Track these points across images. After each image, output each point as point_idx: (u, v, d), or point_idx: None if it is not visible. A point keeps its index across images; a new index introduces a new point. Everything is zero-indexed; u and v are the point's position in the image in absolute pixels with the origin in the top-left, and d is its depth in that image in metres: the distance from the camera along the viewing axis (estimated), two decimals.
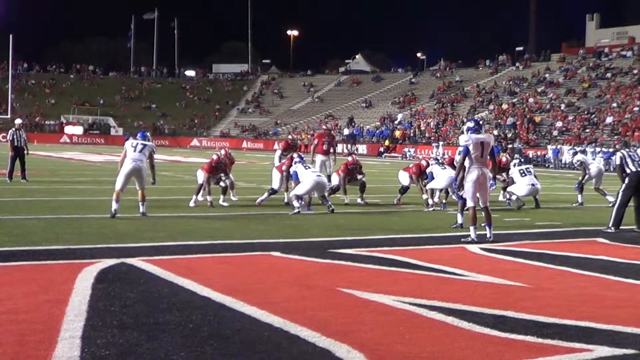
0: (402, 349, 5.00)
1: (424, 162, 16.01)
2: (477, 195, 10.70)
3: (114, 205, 12.09)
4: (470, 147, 10.58)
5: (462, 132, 11.79)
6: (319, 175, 14.24)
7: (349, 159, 16.41)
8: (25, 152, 20.46)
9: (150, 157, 12.81)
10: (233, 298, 6.30)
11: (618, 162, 12.62)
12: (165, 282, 6.98)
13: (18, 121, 21.62)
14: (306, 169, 14.24)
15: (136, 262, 7.94)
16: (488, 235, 10.59)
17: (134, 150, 12.67)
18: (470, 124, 11.07)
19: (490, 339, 5.28)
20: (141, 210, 12.43)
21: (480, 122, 11.55)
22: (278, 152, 17.43)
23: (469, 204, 10.73)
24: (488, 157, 10.91)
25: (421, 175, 15.74)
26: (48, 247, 8.90)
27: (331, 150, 17.90)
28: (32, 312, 5.69)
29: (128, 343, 4.94)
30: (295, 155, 15.00)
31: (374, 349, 4.95)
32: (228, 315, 5.79)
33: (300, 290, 6.85)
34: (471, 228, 10.57)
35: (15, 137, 20.33)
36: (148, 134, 13.54)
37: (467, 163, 10.67)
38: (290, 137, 19.21)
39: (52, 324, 5.32)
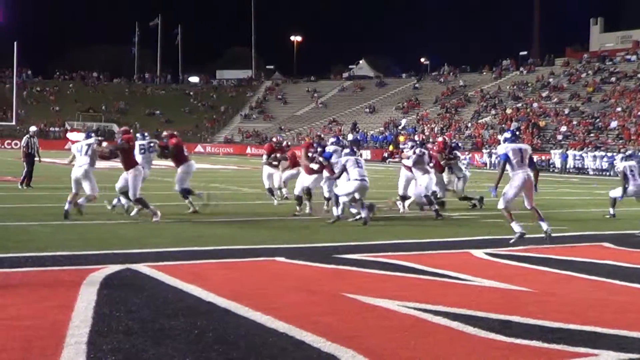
0: (407, 354, 5.00)
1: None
2: (522, 196, 11.05)
3: (66, 206, 12.34)
4: (510, 154, 10.92)
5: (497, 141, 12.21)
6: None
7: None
8: (38, 159, 20.49)
9: (93, 153, 12.90)
10: (238, 303, 6.30)
11: None
12: (170, 288, 6.99)
13: (33, 129, 21.80)
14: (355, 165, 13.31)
15: (141, 267, 7.96)
16: (545, 229, 10.89)
17: (80, 154, 12.91)
18: (508, 135, 11.55)
19: (496, 344, 5.28)
20: (66, 207, 12.51)
21: (517, 133, 12.01)
22: (265, 157, 17.21)
23: (501, 205, 11.00)
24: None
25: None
26: (53, 253, 8.91)
27: None
28: (38, 318, 5.70)
29: (134, 349, 4.94)
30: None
31: (378, 354, 4.95)
32: (233, 320, 5.79)
33: (305, 295, 6.85)
34: (513, 224, 10.84)
35: (29, 144, 20.48)
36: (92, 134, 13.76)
37: (509, 170, 11.00)
38: (274, 140, 19.03)
39: (58, 330, 5.33)
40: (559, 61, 70.83)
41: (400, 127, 64.60)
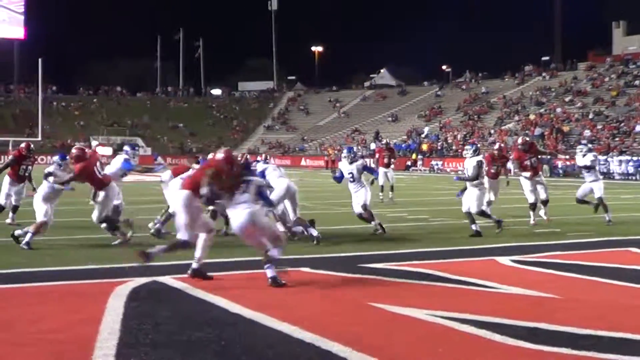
0: None
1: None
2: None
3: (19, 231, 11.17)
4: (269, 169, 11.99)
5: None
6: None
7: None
8: None
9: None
10: (264, 314, 6.32)
11: None
12: (197, 300, 7.02)
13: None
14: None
15: (167, 280, 8.00)
16: (316, 234, 11.48)
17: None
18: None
19: (524, 352, 5.25)
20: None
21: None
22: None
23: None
24: None
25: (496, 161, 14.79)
26: (80, 267, 8.99)
27: (392, 161, 20.99)
28: (66, 331, 5.75)
29: None
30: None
31: None
32: (259, 331, 5.81)
33: (331, 305, 6.85)
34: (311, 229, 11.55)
35: None
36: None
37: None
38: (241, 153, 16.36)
39: (86, 343, 5.38)
40: (582, 65, 70.31)
41: (423, 135, 64.49)
